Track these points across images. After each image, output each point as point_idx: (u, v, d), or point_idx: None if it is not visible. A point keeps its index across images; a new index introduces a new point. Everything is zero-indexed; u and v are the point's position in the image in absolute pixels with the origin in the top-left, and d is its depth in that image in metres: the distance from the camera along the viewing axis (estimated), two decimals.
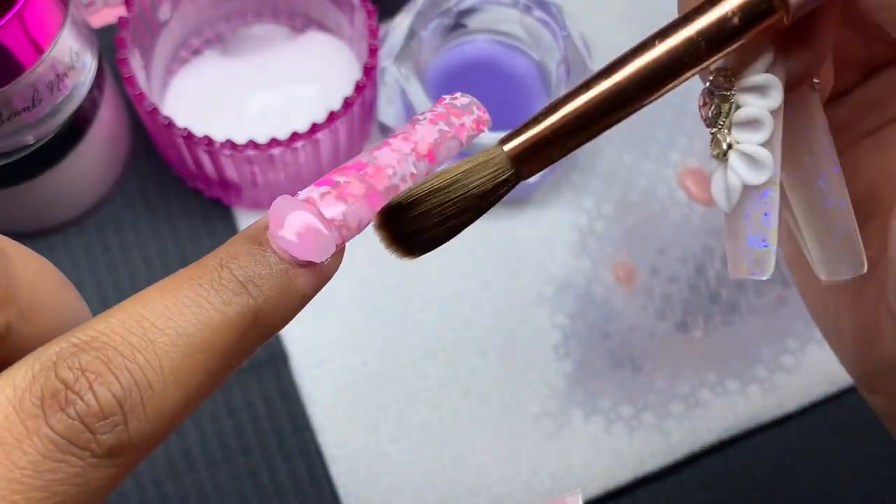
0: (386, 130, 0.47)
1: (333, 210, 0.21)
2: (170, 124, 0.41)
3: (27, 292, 0.20)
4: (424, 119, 0.22)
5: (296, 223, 0.20)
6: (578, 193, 0.48)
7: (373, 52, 0.42)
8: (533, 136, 0.21)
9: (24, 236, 0.45)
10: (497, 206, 0.48)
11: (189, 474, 0.42)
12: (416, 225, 0.22)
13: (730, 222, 0.23)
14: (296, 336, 0.44)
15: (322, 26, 0.48)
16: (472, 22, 0.47)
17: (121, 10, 0.42)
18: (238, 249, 0.20)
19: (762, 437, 0.45)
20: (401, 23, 0.45)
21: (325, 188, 0.21)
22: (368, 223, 0.22)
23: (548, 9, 0.45)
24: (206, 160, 0.42)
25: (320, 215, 0.21)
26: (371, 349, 0.45)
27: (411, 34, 0.44)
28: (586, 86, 0.21)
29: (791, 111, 0.23)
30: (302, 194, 0.21)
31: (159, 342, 0.19)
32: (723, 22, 0.21)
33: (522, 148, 0.21)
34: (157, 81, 0.46)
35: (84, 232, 0.46)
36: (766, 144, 0.22)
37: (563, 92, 0.21)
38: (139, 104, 0.41)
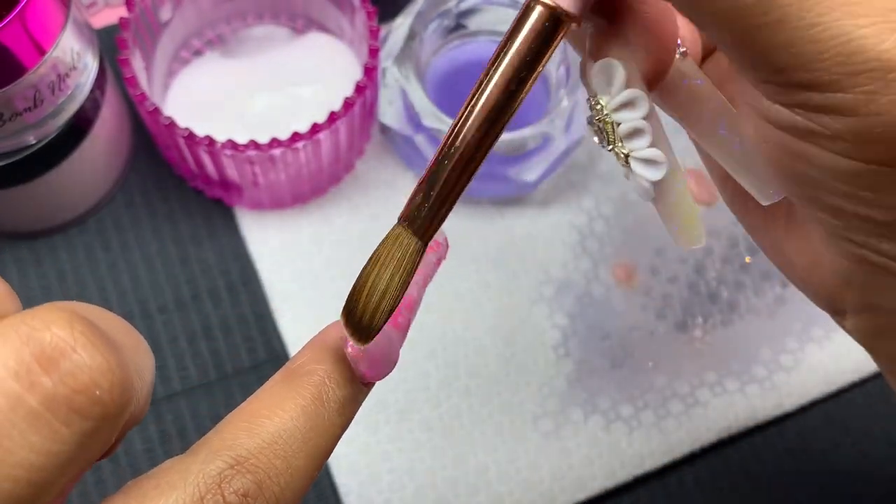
0: (386, 131, 0.47)
1: (398, 343, 0.26)
2: (171, 124, 0.41)
3: (134, 374, 0.20)
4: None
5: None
6: (578, 193, 0.48)
7: (373, 52, 0.42)
8: (427, 213, 0.24)
9: (25, 236, 0.46)
10: (497, 206, 0.48)
11: None
12: (373, 322, 0.25)
13: (659, 210, 0.26)
14: (297, 336, 0.44)
15: (323, 27, 0.48)
16: (472, 23, 0.47)
17: (122, 11, 0.42)
18: (332, 369, 0.24)
19: (761, 437, 0.45)
20: (401, 24, 0.45)
21: None
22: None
23: None
24: (207, 160, 0.43)
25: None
26: None
27: (412, 35, 0.44)
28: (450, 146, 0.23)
29: (675, 83, 0.26)
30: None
31: (296, 466, 0.22)
32: (528, 49, 0.23)
33: (421, 224, 0.24)
34: (158, 82, 0.46)
35: (85, 232, 0.46)
36: (653, 144, 0.25)
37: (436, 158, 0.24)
38: (140, 104, 0.41)
